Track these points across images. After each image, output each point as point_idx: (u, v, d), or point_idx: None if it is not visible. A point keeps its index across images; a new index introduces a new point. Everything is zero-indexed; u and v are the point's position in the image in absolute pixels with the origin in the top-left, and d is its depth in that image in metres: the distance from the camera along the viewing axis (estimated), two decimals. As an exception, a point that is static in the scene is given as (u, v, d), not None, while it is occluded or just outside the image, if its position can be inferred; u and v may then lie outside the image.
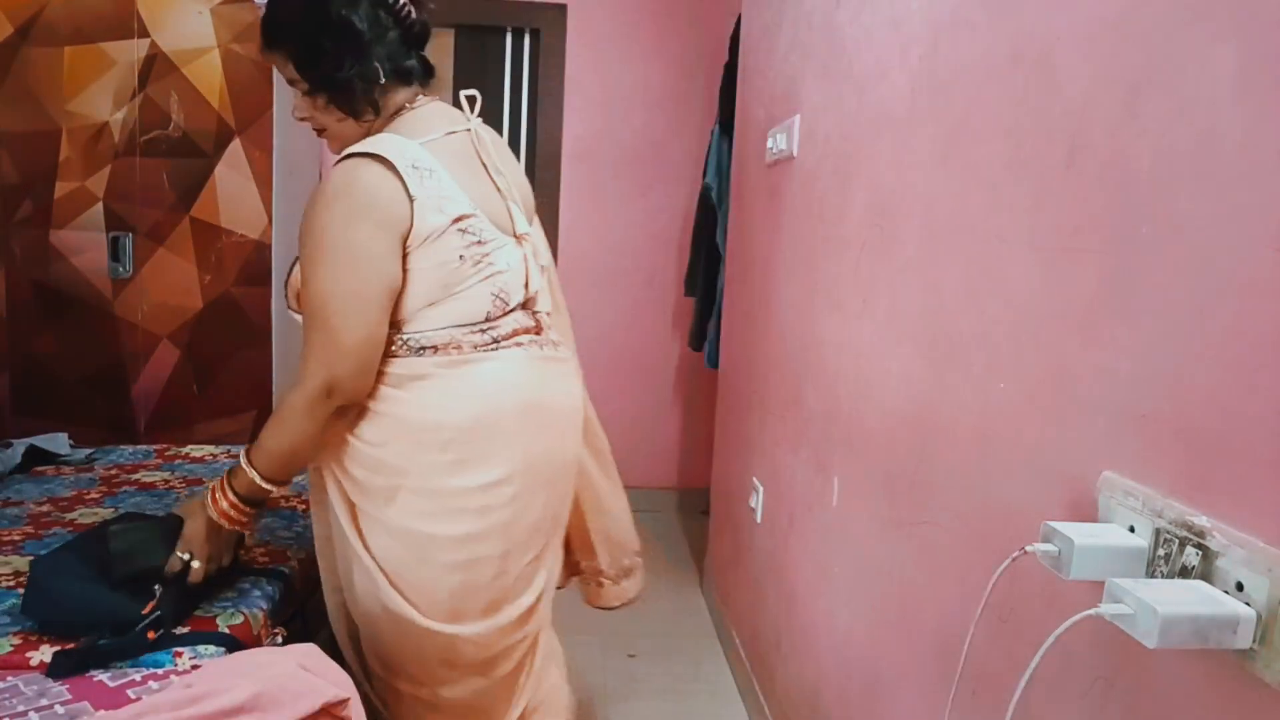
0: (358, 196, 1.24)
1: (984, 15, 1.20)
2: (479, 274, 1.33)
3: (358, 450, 1.34)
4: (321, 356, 1.25)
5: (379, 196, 1.24)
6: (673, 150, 3.76)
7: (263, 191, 2.89)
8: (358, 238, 1.23)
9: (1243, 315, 0.72)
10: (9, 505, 1.90)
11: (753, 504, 2.40)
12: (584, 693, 2.39)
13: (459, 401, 1.32)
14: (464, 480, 1.33)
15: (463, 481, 1.33)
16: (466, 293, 1.33)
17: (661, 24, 3.67)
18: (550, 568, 1.52)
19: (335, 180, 1.27)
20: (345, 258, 1.24)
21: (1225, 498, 0.73)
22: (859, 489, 1.61)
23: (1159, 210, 0.82)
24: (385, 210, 1.24)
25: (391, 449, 1.32)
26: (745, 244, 2.68)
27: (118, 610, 1.30)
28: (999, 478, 1.10)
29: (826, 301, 1.84)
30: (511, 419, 1.35)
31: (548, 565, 1.50)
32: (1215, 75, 0.76)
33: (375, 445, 1.33)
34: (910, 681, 1.35)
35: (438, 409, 1.32)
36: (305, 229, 1.28)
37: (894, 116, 1.51)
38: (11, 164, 2.82)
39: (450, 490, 1.33)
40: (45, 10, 2.76)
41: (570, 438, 1.49)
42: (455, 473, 1.33)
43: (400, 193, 1.24)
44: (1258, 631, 0.67)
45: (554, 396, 1.44)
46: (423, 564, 1.34)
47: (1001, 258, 1.11)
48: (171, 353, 2.93)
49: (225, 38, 2.82)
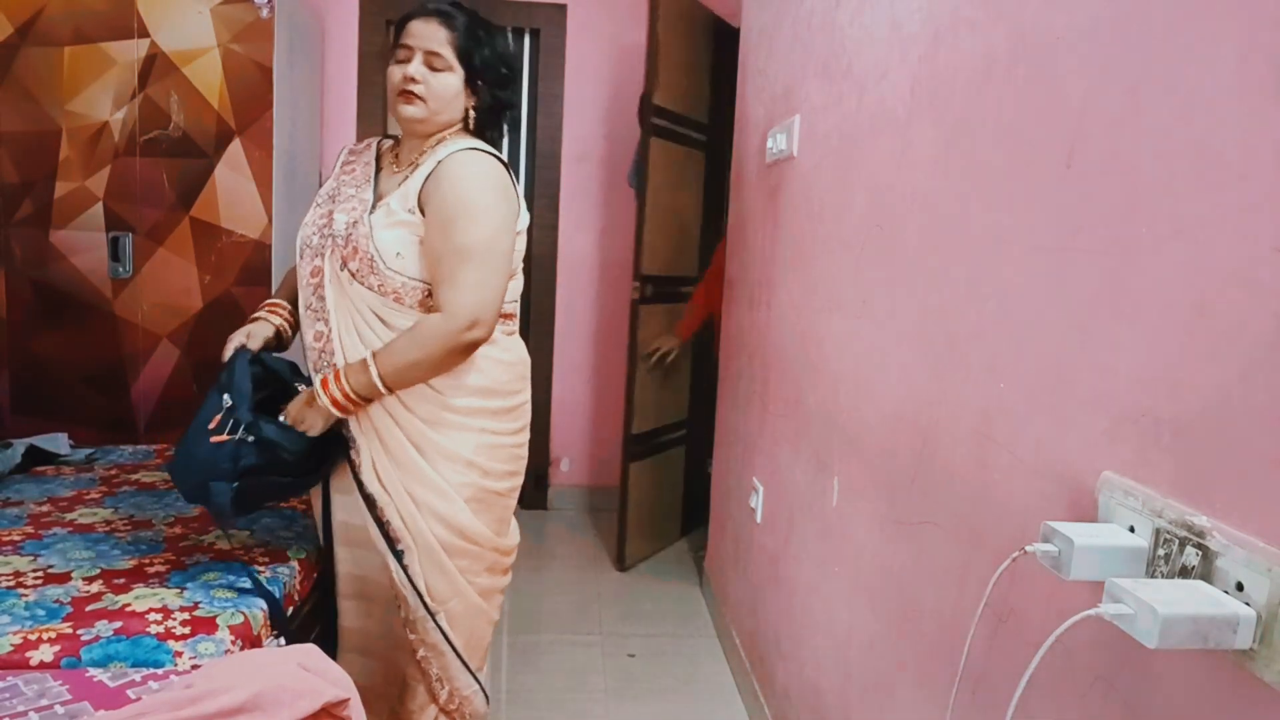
0: (500, 186, 1.58)
1: (984, 15, 1.20)
2: (518, 263, 1.67)
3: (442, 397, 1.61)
4: (476, 293, 1.52)
5: (508, 189, 1.60)
6: (673, 150, 3.75)
7: (263, 191, 2.89)
8: (503, 215, 1.57)
9: (1243, 315, 0.72)
10: (9, 505, 1.90)
11: (753, 504, 2.40)
12: (584, 692, 2.39)
13: (515, 355, 1.70)
14: (506, 423, 1.68)
15: (504, 424, 1.68)
16: (516, 276, 1.67)
17: (661, 24, 3.66)
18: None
19: (483, 165, 1.58)
20: (502, 223, 1.57)
21: (1225, 498, 0.73)
22: (859, 489, 1.61)
23: (1159, 210, 0.82)
24: (513, 201, 1.61)
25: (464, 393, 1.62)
26: (745, 244, 2.68)
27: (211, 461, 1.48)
28: (999, 477, 1.10)
29: (826, 301, 1.84)
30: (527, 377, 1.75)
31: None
32: (1215, 75, 0.76)
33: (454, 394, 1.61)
34: (910, 681, 1.35)
35: (507, 364, 1.67)
36: (460, 192, 1.53)
37: (894, 116, 1.51)
38: (11, 164, 2.82)
39: (495, 436, 1.66)
40: (45, 10, 2.76)
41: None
42: (501, 419, 1.67)
43: (515, 189, 1.63)
44: (1258, 631, 0.67)
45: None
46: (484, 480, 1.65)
47: (1001, 258, 1.11)
48: (171, 353, 2.93)
49: (225, 38, 2.82)
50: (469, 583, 1.65)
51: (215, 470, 1.47)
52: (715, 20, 3.45)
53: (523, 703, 2.30)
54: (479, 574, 1.67)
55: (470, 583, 1.65)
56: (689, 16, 3.30)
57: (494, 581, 1.72)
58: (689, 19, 3.30)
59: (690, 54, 3.34)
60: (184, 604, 1.44)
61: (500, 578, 1.74)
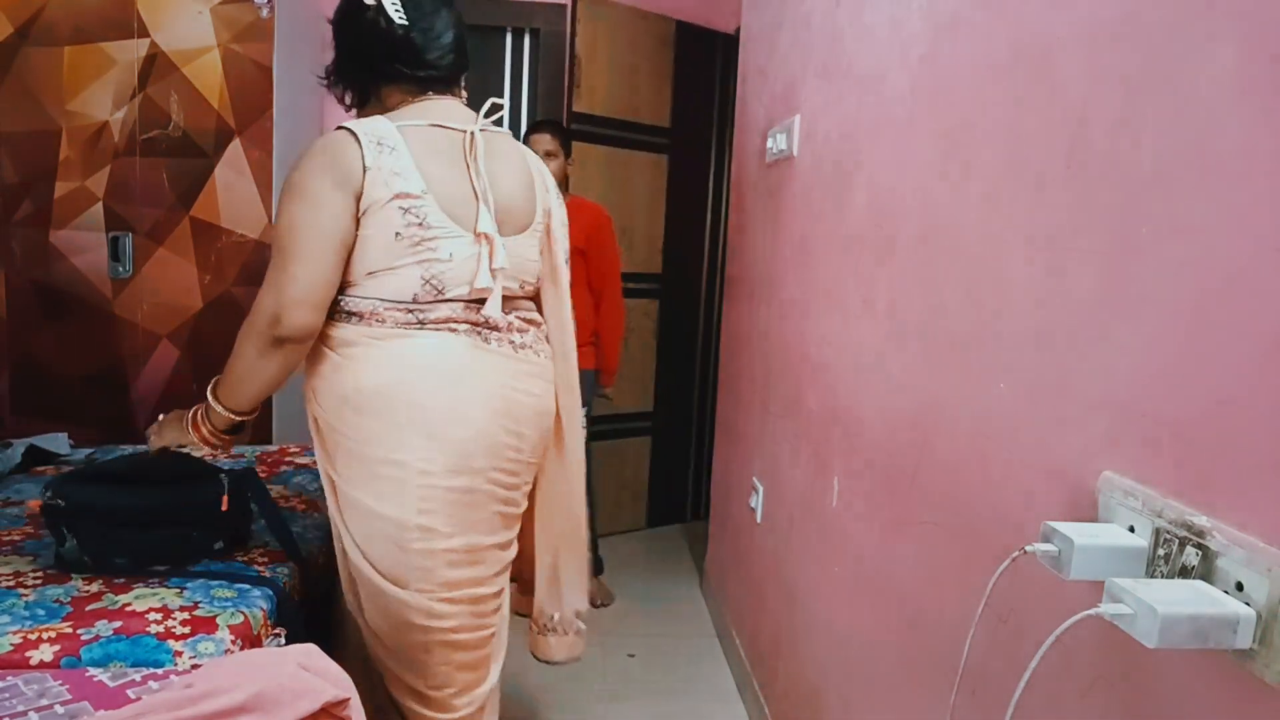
0: (324, 157, 1.40)
1: (984, 15, 1.20)
2: (415, 255, 1.41)
3: (315, 411, 1.49)
4: (272, 286, 1.38)
5: (340, 159, 1.39)
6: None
7: (262, 191, 2.89)
8: (319, 188, 1.39)
9: (1243, 315, 0.72)
10: (9, 505, 1.90)
11: (753, 504, 2.40)
12: (584, 693, 2.39)
13: (374, 368, 1.42)
14: (379, 450, 1.42)
15: (378, 451, 1.42)
16: (399, 270, 1.42)
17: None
18: (492, 566, 1.54)
19: (313, 144, 1.44)
20: (307, 203, 1.39)
21: (1225, 498, 0.73)
22: (859, 489, 1.61)
23: (1159, 210, 0.82)
24: (343, 171, 1.39)
25: (331, 412, 1.46)
26: (745, 244, 2.68)
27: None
28: (999, 477, 1.10)
29: (826, 301, 1.84)
30: (427, 395, 1.42)
31: (486, 560, 1.52)
32: (1215, 75, 0.76)
33: (323, 409, 1.47)
34: (910, 681, 1.35)
35: (356, 374, 1.43)
36: (285, 181, 1.43)
37: (894, 116, 1.51)
38: (11, 164, 2.81)
39: (369, 458, 1.43)
40: (45, 10, 2.76)
41: (511, 428, 1.50)
42: (372, 440, 1.43)
43: (358, 160, 1.39)
44: (1258, 631, 0.67)
45: (491, 386, 1.47)
46: (362, 524, 1.46)
47: (1001, 258, 1.11)
48: (171, 353, 2.93)
49: (225, 38, 2.82)
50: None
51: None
52: (678, 25, 3.54)
53: (523, 703, 2.30)
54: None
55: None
56: (627, 24, 3.43)
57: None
58: (628, 26, 3.43)
59: (632, 60, 3.49)
60: (184, 604, 1.43)
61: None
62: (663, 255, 3.74)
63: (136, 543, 1.54)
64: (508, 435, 1.49)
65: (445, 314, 1.44)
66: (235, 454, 2.38)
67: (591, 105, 3.40)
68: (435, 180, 1.42)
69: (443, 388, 1.42)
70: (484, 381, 1.46)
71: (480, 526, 1.49)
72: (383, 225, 1.39)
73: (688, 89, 3.67)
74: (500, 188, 1.50)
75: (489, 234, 1.44)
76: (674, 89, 3.63)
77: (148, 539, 1.54)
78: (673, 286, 3.80)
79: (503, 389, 1.48)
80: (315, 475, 2.19)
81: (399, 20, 1.48)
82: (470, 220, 1.45)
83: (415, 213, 1.40)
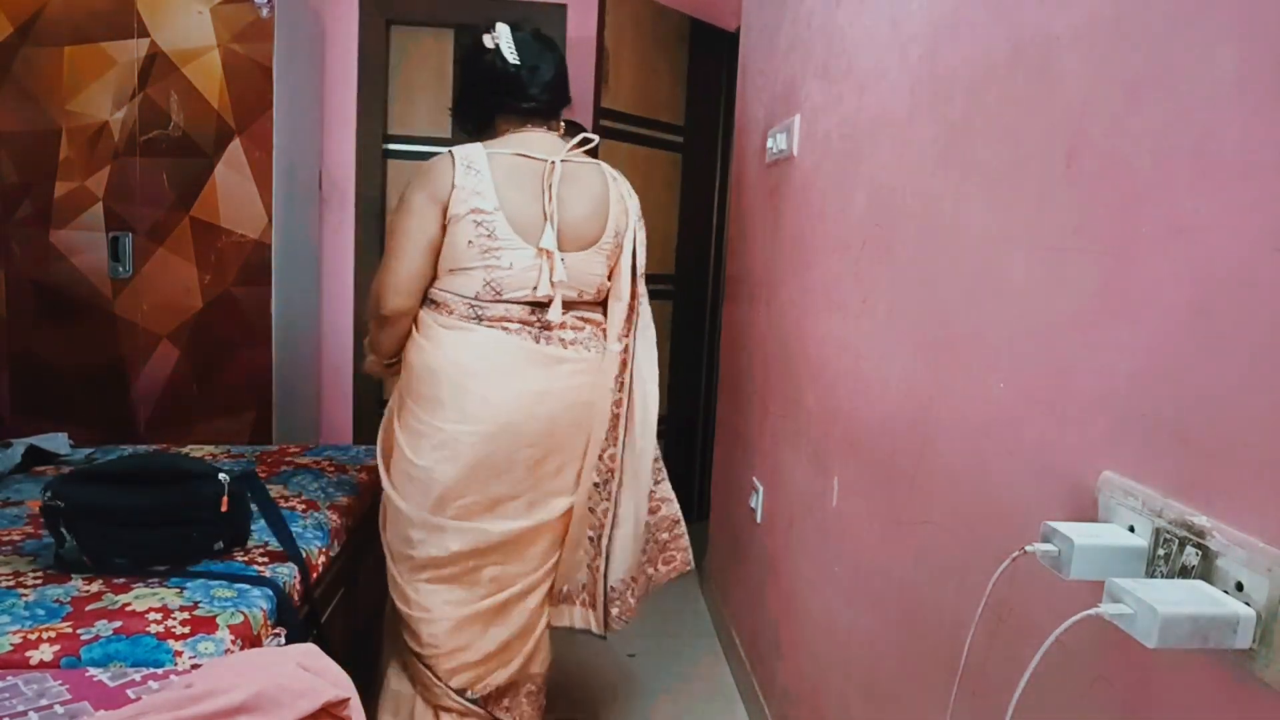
0: (426, 175, 1.70)
1: (984, 15, 1.20)
2: (482, 260, 1.68)
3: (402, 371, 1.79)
4: (380, 276, 1.73)
5: (436, 178, 1.68)
6: (673, 150, 3.75)
7: (262, 191, 2.89)
8: (417, 201, 1.69)
9: (1243, 315, 0.72)
10: (9, 505, 1.90)
11: (753, 504, 2.40)
12: (584, 693, 2.39)
13: (436, 350, 1.70)
14: (424, 414, 1.70)
15: (423, 414, 1.71)
16: (469, 271, 1.69)
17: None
18: (507, 551, 1.77)
19: (424, 164, 1.74)
20: (406, 212, 1.70)
21: (1225, 498, 0.73)
22: (859, 489, 1.61)
23: (1159, 210, 0.82)
24: (436, 187, 1.67)
25: (405, 376, 1.76)
26: (745, 243, 2.68)
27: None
28: (999, 478, 1.10)
29: (826, 301, 1.84)
30: (469, 378, 1.68)
31: (493, 530, 1.73)
32: (1215, 75, 0.76)
33: (404, 373, 1.78)
34: (910, 681, 1.35)
35: (423, 352, 1.72)
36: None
37: (894, 116, 1.51)
38: (11, 164, 2.82)
39: (417, 417, 1.71)
40: (45, 10, 2.76)
41: (540, 414, 1.72)
42: (422, 406, 1.71)
43: (449, 179, 1.67)
44: (1258, 631, 0.67)
45: (528, 378, 1.71)
46: (399, 466, 1.75)
47: (1001, 258, 1.11)
48: (171, 352, 2.93)
49: (225, 38, 2.82)
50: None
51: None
52: (692, 23, 3.48)
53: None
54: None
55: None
56: (650, 19, 3.33)
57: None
58: (650, 22, 3.34)
59: (653, 57, 3.39)
60: (184, 604, 1.44)
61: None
62: (675, 256, 3.65)
63: (136, 543, 1.54)
64: (535, 421, 1.71)
65: (501, 313, 1.70)
66: (235, 454, 2.38)
67: (617, 101, 3.27)
68: (508, 200, 1.67)
69: (481, 375, 1.68)
70: (522, 374, 1.70)
71: (493, 488, 1.72)
72: (460, 233, 1.66)
73: (698, 87, 3.58)
74: (569, 210, 1.73)
75: (550, 250, 1.68)
76: (687, 87, 3.54)
77: (147, 539, 1.54)
78: (684, 287, 3.71)
79: (539, 381, 1.71)
80: (315, 475, 2.19)
81: (512, 60, 1.78)
82: (536, 236, 1.69)
83: (485, 225, 1.66)
